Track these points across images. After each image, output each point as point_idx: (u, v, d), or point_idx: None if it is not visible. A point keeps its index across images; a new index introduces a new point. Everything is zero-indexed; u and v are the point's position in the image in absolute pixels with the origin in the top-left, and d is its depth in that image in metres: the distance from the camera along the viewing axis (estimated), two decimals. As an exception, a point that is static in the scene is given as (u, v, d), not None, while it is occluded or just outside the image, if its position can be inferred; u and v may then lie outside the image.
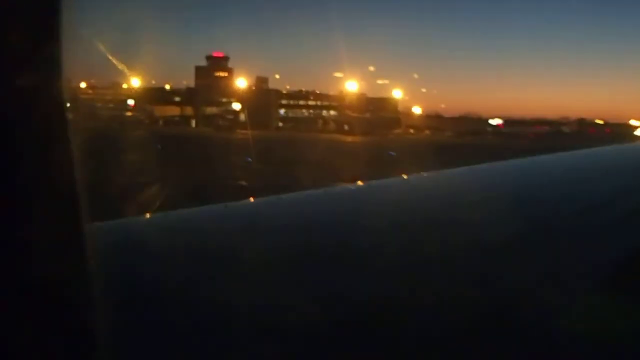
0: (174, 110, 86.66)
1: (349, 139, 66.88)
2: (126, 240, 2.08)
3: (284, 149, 48.72)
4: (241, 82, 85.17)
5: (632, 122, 75.03)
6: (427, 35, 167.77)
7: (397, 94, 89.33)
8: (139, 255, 1.94)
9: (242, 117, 77.75)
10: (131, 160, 24.39)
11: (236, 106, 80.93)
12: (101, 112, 73.66)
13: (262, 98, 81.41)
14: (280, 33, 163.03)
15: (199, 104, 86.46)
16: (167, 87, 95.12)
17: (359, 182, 3.94)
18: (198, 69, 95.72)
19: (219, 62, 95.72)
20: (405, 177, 3.94)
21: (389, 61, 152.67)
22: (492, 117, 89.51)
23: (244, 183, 30.23)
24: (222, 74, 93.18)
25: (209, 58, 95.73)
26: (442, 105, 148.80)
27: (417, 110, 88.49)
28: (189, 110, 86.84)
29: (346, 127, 77.72)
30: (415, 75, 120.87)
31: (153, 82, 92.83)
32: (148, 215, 2.67)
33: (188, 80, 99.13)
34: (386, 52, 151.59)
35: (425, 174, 4.08)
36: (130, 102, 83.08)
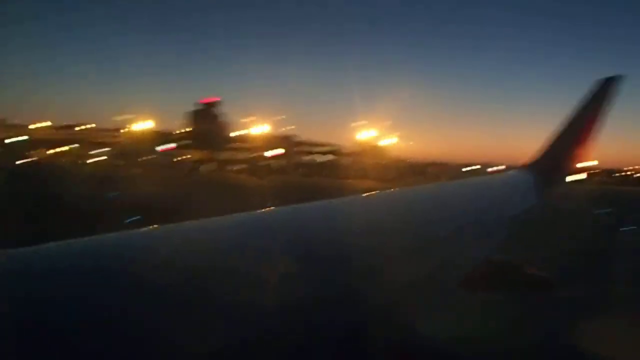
0: (194, 155, 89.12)
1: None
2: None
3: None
4: (264, 128, 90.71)
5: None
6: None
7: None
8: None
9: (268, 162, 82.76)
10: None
11: (262, 152, 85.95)
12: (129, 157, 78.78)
13: (283, 144, 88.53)
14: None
15: (215, 148, 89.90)
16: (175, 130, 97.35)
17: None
18: (194, 112, 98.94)
19: (215, 107, 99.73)
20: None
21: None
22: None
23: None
24: (220, 118, 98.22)
25: (202, 103, 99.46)
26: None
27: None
28: (203, 155, 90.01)
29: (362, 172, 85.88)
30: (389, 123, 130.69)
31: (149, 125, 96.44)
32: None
33: (175, 126, 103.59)
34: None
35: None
36: (163, 146, 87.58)
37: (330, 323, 1.84)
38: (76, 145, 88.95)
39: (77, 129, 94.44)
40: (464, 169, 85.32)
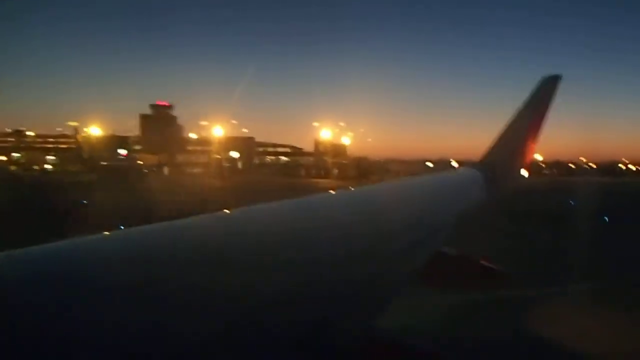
0: (151, 159, 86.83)
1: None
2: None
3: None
4: (224, 130, 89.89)
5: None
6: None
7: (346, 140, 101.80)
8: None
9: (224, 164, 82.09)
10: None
11: (223, 154, 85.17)
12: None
13: (244, 146, 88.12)
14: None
15: (171, 150, 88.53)
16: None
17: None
18: (147, 115, 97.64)
19: (165, 110, 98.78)
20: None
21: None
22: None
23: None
24: (170, 122, 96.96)
25: (154, 107, 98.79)
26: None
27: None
28: (160, 158, 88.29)
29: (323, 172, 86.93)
30: (342, 123, 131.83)
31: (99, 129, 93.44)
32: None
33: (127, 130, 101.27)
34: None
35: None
36: (122, 151, 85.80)
37: (286, 321, 1.86)
38: (24, 152, 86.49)
39: (23, 135, 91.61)
40: (422, 165, 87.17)
